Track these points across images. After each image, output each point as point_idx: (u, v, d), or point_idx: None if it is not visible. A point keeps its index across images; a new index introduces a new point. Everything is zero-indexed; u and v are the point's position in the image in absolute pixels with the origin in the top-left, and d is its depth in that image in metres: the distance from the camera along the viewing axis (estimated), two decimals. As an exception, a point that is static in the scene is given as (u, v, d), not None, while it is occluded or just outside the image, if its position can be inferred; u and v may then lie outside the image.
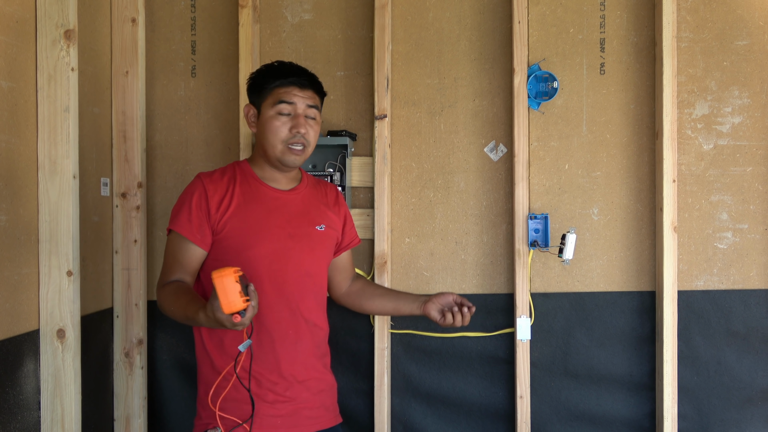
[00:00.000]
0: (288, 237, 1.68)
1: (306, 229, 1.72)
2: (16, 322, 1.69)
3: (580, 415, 2.25)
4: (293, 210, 1.72)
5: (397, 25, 2.29)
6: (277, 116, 1.66)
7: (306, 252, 1.71)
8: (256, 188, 1.70)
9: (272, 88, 1.68)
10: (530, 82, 2.23)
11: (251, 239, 1.63)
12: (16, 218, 1.69)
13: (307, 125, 1.67)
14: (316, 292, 1.75)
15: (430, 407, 2.28)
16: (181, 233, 1.63)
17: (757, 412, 2.22)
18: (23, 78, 1.72)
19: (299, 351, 1.69)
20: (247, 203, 1.66)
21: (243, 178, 1.70)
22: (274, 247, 1.65)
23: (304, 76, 1.70)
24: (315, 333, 1.74)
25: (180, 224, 1.64)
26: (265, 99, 1.69)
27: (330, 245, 1.81)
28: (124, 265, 2.21)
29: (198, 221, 1.63)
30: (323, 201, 1.81)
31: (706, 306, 2.23)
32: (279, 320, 1.66)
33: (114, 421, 2.22)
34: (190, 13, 2.33)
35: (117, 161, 2.21)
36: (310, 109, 1.69)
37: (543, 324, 2.25)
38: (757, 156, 2.23)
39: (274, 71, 1.70)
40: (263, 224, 1.66)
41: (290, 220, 1.70)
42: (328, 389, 1.80)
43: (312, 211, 1.76)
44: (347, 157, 2.21)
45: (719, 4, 2.23)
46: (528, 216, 2.20)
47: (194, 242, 1.63)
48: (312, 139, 1.70)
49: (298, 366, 1.69)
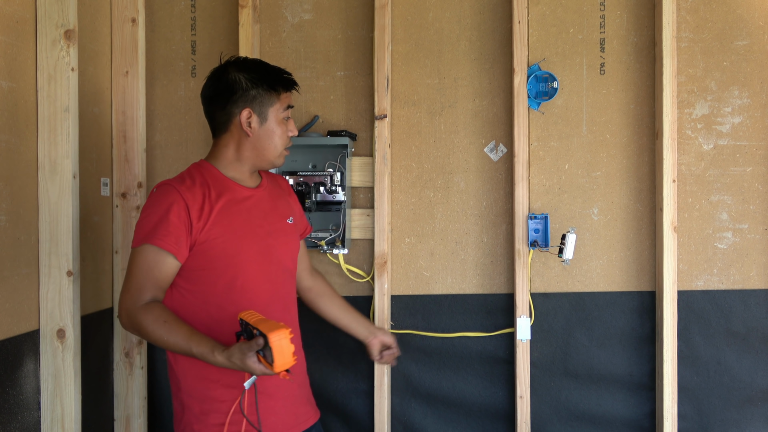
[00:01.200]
0: (267, 235, 1.64)
1: (279, 224, 1.69)
2: (16, 322, 1.69)
3: (580, 415, 2.25)
4: (265, 207, 1.67)
5: (397, 25, 2.29)
6: (285, 122, 1.65)
7: (283, 247, 1.69)
8: (229, 189, 1.61)
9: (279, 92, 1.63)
10: (530, 82, 2.23)
11: (238, 243, 1.57)
12: (16, 218, 1.69)
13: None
14: (294, 286, 1.75)
15: (430, 407, 2.28)
16: (161, 246, 1.49)
17: (757, 412, 2.22)
18: (23, 78, 1.72)
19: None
20: (228, 207, 1.58)
21: (214, 182, 1.60)
22: (258, 247, 1.61)
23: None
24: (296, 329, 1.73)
25: (158, 237, 1.49)
26: (273, 104, 1.62)
27: (297, 237, 1.79)
28: (124, 265, 2.21)
29: (176, 233, 1.51)
30: (283, 193, 1.79)
31: (706, 306, 2.23)
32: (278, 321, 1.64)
33: (114, 421, 2.22)
34: (190, 13, 2.33)
35: (117, 161, 2.20)
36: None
37: (543, 324, 2.25)
38: (757, 156, 2.23)
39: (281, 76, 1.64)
40: (246, 226, 1.60)
41: (265, 217, 1.66)
42: (305, 383, 1.78)
43: (280, 205, 1.73)
44: (347, 157, 2.21)
45: (719, 4, 2.23)
46: (528, 216, 2.20)
47: (175, 255, 1.51)
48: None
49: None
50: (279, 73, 1.65)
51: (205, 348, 1.41)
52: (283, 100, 1.64)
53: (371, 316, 2.22)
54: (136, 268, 1.51)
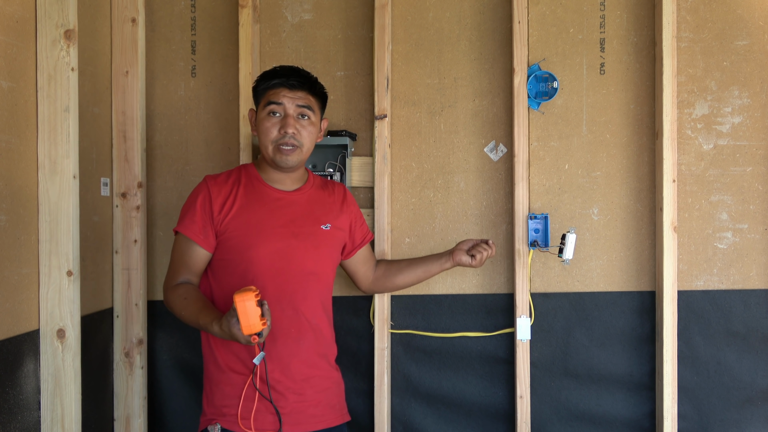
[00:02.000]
0: (291, 236, 1.70)
1: (310, 228, 1.74)
2: (16, 322, 1.69)
3: (580, 415, 2.25)
4: (297, 210, 1.74)
5: (397, 25, 2.29)
6: (268, 117, 1.69)
7: (310, 251, 1.72)
8: (259, 189, 1.73)
9: (264, 90, 1.72)
10: (530, 82, 2.23)
11: (253, 239, 1.66)
12: (16, 218, 1.69)
13: (298, 125, 1.69)
14: (320, 290, 1.76)
15: (430, 407, 2.28)
16: (186, 235, 1.68)
17: (757, 412, 2.22)
18: (23, 78, 1.72)
19: (301, 349, 1.70)
20: (250, 204, 1.69)
21: (248, 180, 1.73)
22: (276, 246, 1.67)
23: (294, 77, 1.70)
24: (318, 331, 1.75)
25: (185, 226, 1.68)
26: (259, 102, 1.73)
27: (336, 244, 1.82)
28: (124, 265, 2.21)
29: (202, 223, 1.67)
30: (330, 201, 1.83)
31: (706, 306, 2.23)
32: (281, 318, 1.68)
33: (114, 421, 2.22)
34: (190, 13, 2.33)
35: (117, 161, 2.21)
36: (302, 108, 1.70)
37: (543, 324, 2.25)
38: (757, 156, 2.23)
39: (267, 74, 1.73)
40: (265, 224, 1.68)
41: (294, 219, 1.72)
42: (334, 387, 1.80)
43: (317, 211, 1.77)
44: (347, 157, 2.21)
45: (719, 4, 2.23)
46: (528, 216, 2.20)
47: (198, 244, 1.67)
48: (305, 139, 1.71)
49: (301, 364, 1.70)
50: (271, 71, 1.73)
51: (208, 319, 1.52)
52: (266, 96, 1.70)
53: (371, 316, 2.22)
54: (173, 254, 1.72)
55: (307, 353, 1.72)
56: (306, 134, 1.71)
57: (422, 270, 1.97)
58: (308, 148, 1.73)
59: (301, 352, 1.71)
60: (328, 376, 1.79)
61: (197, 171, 2.32)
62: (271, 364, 1.66)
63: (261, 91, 1.73)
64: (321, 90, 1.78)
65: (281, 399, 1.67)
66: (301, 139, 1.70)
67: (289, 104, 1.69)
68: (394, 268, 1.98)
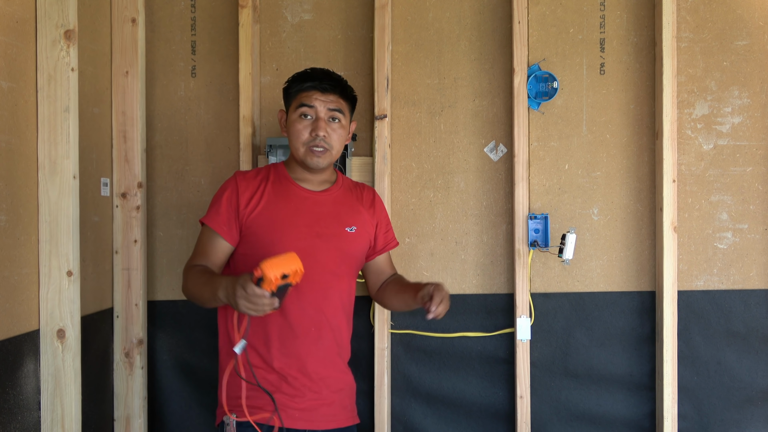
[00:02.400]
0: (316, 236, 1.70)
1: (335, 229, 1.74)
2: (16, 322, 1.69)
3: (580, 415, 2.25)
4: (323, 210, 1.75)
5: (397, 25, 2.29)
6: (299, 119, 1.71)
7: (333, 252, 1.72)
8: (286, 187, 1.74)
9: (296, 92, 1.73)
10: (530, 82, 2.23)
11: (277, 235, 1.67)
12: (16, 218, 1.69)
13: (329, 128, 1.71)
14: (341, 292, 1.76)
15: (430, 407, 2.28)
16: (210, 226, 1.70)
17: (757, 412, 2.22)
18: (23, 78, 1.72)
19: (320, 348, 1.71)
20: (277, 201, 1.71)
21: (276, 178, 1.76)
22: (300, 245, 1.65)
23: (327, 81, 1.72)
24: (337, 332, 1.75)
25: (210, 217, 1.71)
26: (291, 103, 1.75)
27: (360, 247, 1.81)
28: (124, 265, 2.21)
29: (227, 216, 1.69)
30: (358, 203, 1.83)
31: (706, 306, 2.23)
32: (302, 317, 1.68)
33: (114, 421, 2.22)
34: (190, 13, 2.33)
35: (117, 161, 2.20)
36: (333, 112, 1.71)
37: (543, 324, 2.25)
38: (757, 156, 2.23)
39: (300, 76, 1.74)
40: (290, 222, 1.69)
41: (319, 219, 1.73)
42: (347, 389, 1.80)
43: (343, 213, 1.78)
44: (347, 157, 2.21)
45: (719, 4, 2.23)
46: (528, 216, 2.20)
47: (221, 235, 1.69)
48: (335, 142, 1.72)
49: (318, 363, 1.71)
50: (303, 73, 1.75)
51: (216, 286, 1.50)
52: (298, 98, 1.71)
53: (371, 316, 2.22)
54: (197, 243, 1.74)
55: (325, 353, 1.72)
56: (336, 137, 1.72)
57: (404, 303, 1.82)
58: (338, 150, 1.75)
59: (319, 352, 1.71)
60: (343, 378, 1.79)
61: (197, 171, 2.32)
62: (290, 362, 1.67)
63: (293, 93, 1.74)
64: (351, 93, 1.79)
65: (298, 395, 1.68)
66: (332, 141, 1.71)
67: (320, 107, 1.70)
68: (390, 290, 1.89)
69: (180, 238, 2.30)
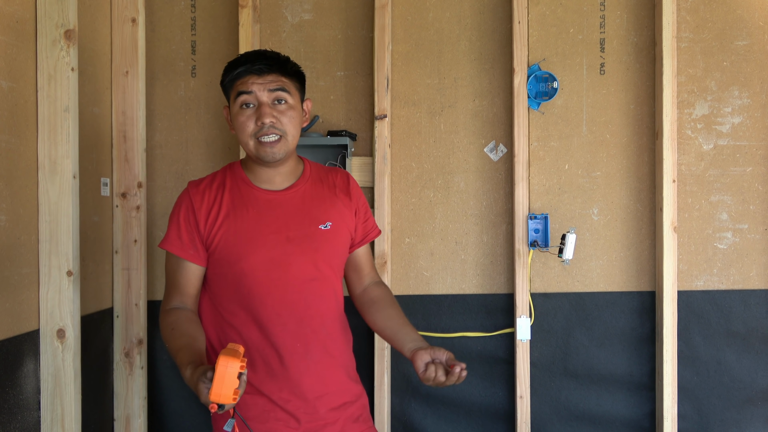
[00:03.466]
0: (286, 241, 1.51)
1: (307, 229, 1.54)
2: (16, 322, 1.69)
3: (580, 415, 2.25)
4: (291, 211, 1.55)
5: (397, 25, 2.29)
6: (241, 110, 1.49)
7: (308, 255, 1.53)
8: (246, 192, 1.55)
9: (231, 82, 1.52)
10: (530, 82, 2.23)
11: (244, 249, 1.50)
12: (16, 218, 1.69)
13: (276, 112, 1.48)
14: (327, 297, 1.57)
15: (430, 407, 2.28)
16: (173, 252, 1.52)
17: (757, 412, 2.22)
18: (23, 78, 1.72)
19: (310, 364, 1.53)
20: (237, 210, 1.52)
21: (233, 183, 1.56)
22: (270, 254, 1.50)
23: (260, 61, 1.50)
24: (329, 342, 1.57)
25: (170, 242, 1.53)
26: (230, 95, 1.53)
27: (340, 243, 1.60)
28: (124, 265, 2.21)
29: (188, 236, 1.51)
30: (330, 194, 1.61)
31: (706, 306, 2.23)
32: (285, 334, 1.51)
33: (114, 421, 2.22)
34: (190, 13, 2.33)
35: (117, 161, 2.20)
36: (275, 93, 1.49)
37: (543, 324, 2.25)
38: (757, 156, 2.23)
39: (231, 64, 1.53)
40: (256, 231, 1.51)
41: (287, 222, 1.53)
42: (353, 400, 1.60)
43: (314, 209, 1.57)
44: (347, 157, 2.21)
45: (719, 4, 2.23)
46: (528, 216, 2.20)
47: (188, 260, 1.52)
48: (287, 126, 1.49)
49: (311, 381, 1.53)
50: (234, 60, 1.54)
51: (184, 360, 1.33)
52: (235, 87, 1.51)
53: (371, 316, 2.22)
54: (166, 274, 1.57)
55: (318, 368, 1.54)
56: (287, 120, 1.49)
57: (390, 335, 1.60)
58: (293, 135, 1.51)
59: (310, 369, 1.53)
60: (345, 389, 1.59)
61: (197, 171, 2.32)
62: (280, 384, 1.51)
63: (228, 83, 1.53)
64: (294, 69, 1.55)
65: (292, 420, 1.51)
66: (283, 126, 1.49)
67: (260, 91, 1.48)
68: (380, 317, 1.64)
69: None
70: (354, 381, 1.63)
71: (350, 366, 1.64)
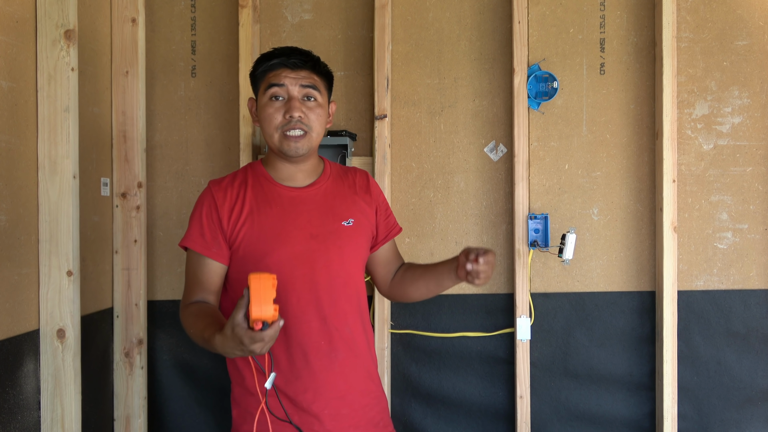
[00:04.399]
0: (310, 238, 1.50)
1: (330, 226, 1.53)
2: (16, 322, 1.69)
3: (580, 415, 2.25)
4: (314, 207, 1.54)
5: (397, 25, 2.29)
6: (270, 102, 1.50)
7: (333, 252, 1.52)
8: (269, 190, 1.54)
9: (263, 73, 1.53)
10: (530, 82, 2.23)
11: (268, 245, 1.48)
12: (16, 218, 1.69)
13: (305, 108, 1.49)
14: (349, 296, 1.55)
15: (430, 407, 2.28)
16: (195, 250, 1.50)
17: (757, 412, 2.22)
18: (23, 78, 1.72)
19: (335, 364, 1.51)
20: (260, 208, 1.51)
21: (255, 181, 1.55)
22: (295, 251, 1.49)
23: (296, 56, 1.51)
24: (351, 341, 1.54)
25: (192, 240, 1.50)
26: (259, 87, 1.54)
27: (362, 241, 1.59)
28: (124, 265, 2.21)
29: (211, 234, 1.50)
30: (351, 191, 1.61)
31: (706, 306, 2.23)
32: (309, 331, 1.49)
33: (114, 421, 2.22)
34: (190, 13, 2.33)
35: (117, 161, 2.20)
36: (306, 89, 1.50)
37: (543, 324, 2.25)
38: (757, 156, 2.23)
39: (265, 56, 1.54)
40: (280, 228, 1.50)
41: (311, 219, 1.52)
42: (373, 402, 1.59)
43: (337, 206, 1.57)
44: (347, 157, 2.21)
45: (719, 4, 2.23)
46: (528, 216, 2.20)
47: (210, 257, 1.49)
48: (314, 123, 1.50)
49: (335, 380, 1.51)
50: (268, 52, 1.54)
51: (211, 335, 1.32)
52: (266, 79, 1.51)
53: (371, 316, 2.22)
54: (187, 272, 1.54)
55: (343, 367, 1.52)
56: (314, 117, 1.50)
57: (435, 284, 1.63)
58: (318, 132, 1.52)
59: (334, 367, 1.51)
60: (367, 390, 1.57)
61: (197, 171, 2.32)
62: (302, 384, 1.49)
63: (260, 74, 1.53)
64: (326, 69, 1.57)
65: (315, 422, 1.49)
66: (309, 122, 1.49)
67: (292, 85, 1.49)
68: (409, 277, 1.68)
69: (180, 238, 2.30)
70: (374, 383, 1.61)
71: (372, 367, 1.62)
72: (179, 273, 2.31)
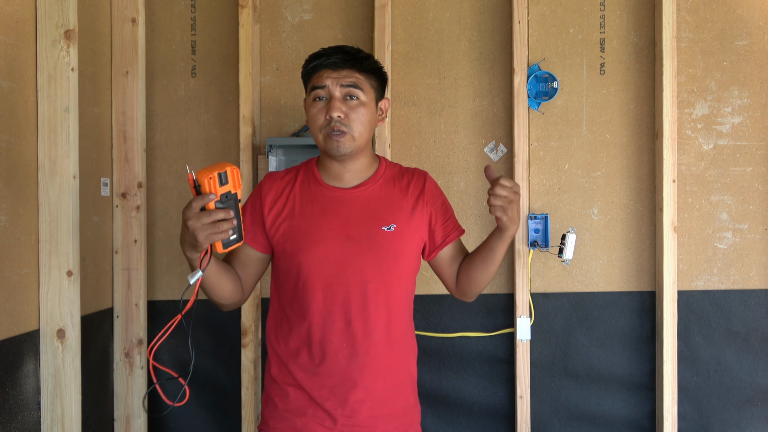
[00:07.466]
0: (346, 239, 1.50)
1: (369, 230, 1.51)
2: (16, 322, 1.69)
3: (580, 415, 2.25)
4: (355, 209, 1.53)
5: (397, 25, 2.29)
6: (314, 103, 1.50)
7: (368, 256, 1.50)
8: (314, 188, 1.55)
9: (307, 75, 1.54)
10: (530, 82, 2.23)
11: (302, 243, 1.49)
12: (16, 218, 1.69)
13: (345, 107, 1.48)
14: (381, 301, 1.51)
15: (430, 407, 2.28)
16: None
17: (757, 412, 2.22)
18: (23, 78, 1.72)
19: (354, 368, 1.49)
20: (302, 205, 1.53)
21: (305, 178, 1.57)
22: (328, 251, 1.48)
23: (336, 55, 1.50)
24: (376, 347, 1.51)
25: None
26: (307, 88, 1.56)
27: (402, 247, 1.55)
28: (124, 265, 2.21)
29: (251, 220, 1.54)
30: (401, 196, 1.58)
31: (706, 306, 2.23)
32: (332, 332, 1.49)
33: (114, 421, 2.22)
34: (190, 13, 2.33)
35: (117, 161, 2.21)
36: (347, 89, 1.49)
37: (543, 324, 2.25)
38: (757, 156, 2.23)
39: (310, 57, 1.55)
40: (316, 227, 1.50)
41: (349, 221, 1.51)
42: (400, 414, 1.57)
43: (380, 210, 1.54)
44: (347, 157, 2.21)
45: (719, 4, 2.23)
46: (528, 216, 2.20)
47: (246, 242, 1.53)
48: (354, 122, 1.48)
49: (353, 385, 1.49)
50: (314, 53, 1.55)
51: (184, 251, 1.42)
52: (311, 81, 1.53)
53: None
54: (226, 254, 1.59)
55: (362, 373, 1.49)
56: (355, 116, 1.48)
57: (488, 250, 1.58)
58: (360, 132, 1.49)
59: (354, 372, 1.49)
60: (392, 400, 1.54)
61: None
62: (322, 381, 1.49)
63: (305, 77, 1.55)
64: (372, 66, 1.53)
65: (327, 419, 1.49)
66: (350, 122, 1.47)
67: (333, 86, 1.48)
68: (466, 263, 1.63)
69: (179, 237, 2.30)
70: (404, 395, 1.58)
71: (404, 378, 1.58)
72: (179, 273, 2.31)
